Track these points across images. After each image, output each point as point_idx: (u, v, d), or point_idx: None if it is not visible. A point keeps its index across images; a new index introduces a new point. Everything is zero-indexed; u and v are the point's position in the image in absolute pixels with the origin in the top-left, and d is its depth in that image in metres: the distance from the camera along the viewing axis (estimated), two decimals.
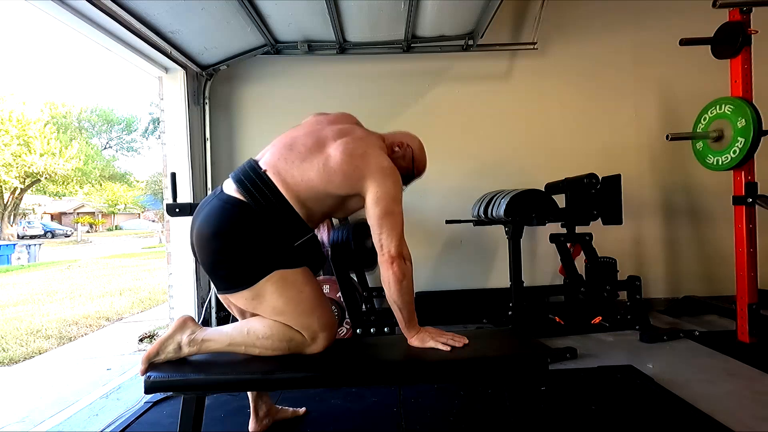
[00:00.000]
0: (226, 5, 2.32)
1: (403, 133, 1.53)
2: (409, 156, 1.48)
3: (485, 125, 3.18)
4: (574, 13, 3.17)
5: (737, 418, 1.51)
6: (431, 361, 1.23)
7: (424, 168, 1.55)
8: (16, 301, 5.01)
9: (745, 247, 2.24)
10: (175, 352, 1.23)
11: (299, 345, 1.26)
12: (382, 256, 1.25)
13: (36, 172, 16.92)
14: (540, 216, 2.33)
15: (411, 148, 1.48)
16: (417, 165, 1.51)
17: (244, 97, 3.14)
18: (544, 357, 1.24)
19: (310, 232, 1.30)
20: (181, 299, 2.79)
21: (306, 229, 1.28)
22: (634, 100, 3.20)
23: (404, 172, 1.44)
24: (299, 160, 1.26)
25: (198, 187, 2.88)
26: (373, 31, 2.80)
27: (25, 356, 2.90)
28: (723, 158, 2.30)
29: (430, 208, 3.10)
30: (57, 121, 21.12)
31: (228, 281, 1.24)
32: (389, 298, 1.27)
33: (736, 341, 2.30)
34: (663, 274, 3.19)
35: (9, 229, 18.17)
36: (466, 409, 1.66)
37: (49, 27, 57.29)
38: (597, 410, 1.62)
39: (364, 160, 1.27)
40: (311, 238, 1.31)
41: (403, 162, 1.45)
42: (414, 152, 1.49)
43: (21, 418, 1.90)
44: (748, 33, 2.20)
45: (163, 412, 1.75)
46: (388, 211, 1.25)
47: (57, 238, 21.96)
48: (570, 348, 2.18)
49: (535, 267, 3.16)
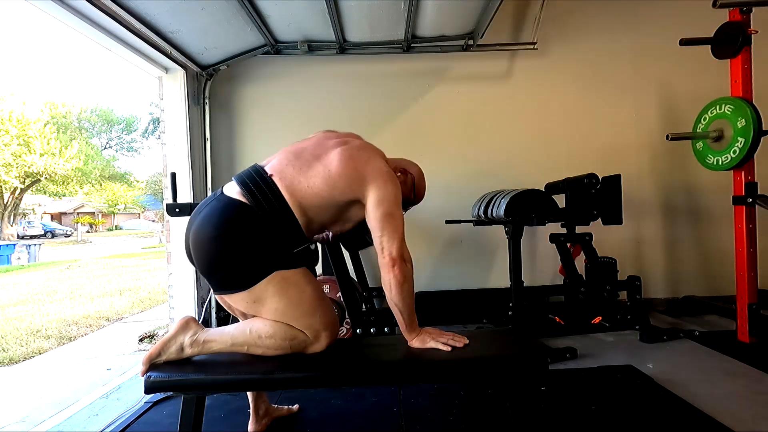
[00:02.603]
0: (226, 5, 2.32)
1: (406, 160, 1.57)
2: (410, 183, 1.53)
3: (485, 125, 3.18)
4: (574, 13, 3.17)
5: (737, 418, 1.51)
6: (431, 361, 1.23)
7: (423, 195, 1.60)
8: (16, 301, 5.00)
9: (745, 247, 2.24)
10: (177, 353, 1.23)
11: (302, 344, 1.26)
12: (383, 258, 1.25)
13: (36, 172, 16.92)
14: (540, 216, 2.33)
15: (412, 175, 1.53)
16: (417, 191, 1.56)
17: (244, 97, 3.14)
18: (544, 357, 1.24)
19: (305, 242, 1.30)
20: (181, 299, 2.79)
21: (303, 239, 1.28)
22: (634, 100, 3.20)
23: (404, 198, 1.47)
24: (306, 167, 1.28)
25: (198, 187, 2.88)
26: (373, 31, 2.80)
27: (25, 356, 2.90)
28: (723, 158, 2.30)
29: (430, 208, 3.09)
30: (57, 121, 21.12)
31: (226, 282, 1.23)
32: (390, 301, 1.28)
33: (736, 341, 2.30)
34: (663, 274, 3.19)
35: (9, 229, 18.17)
36: (466, 409, 1.66)
37: (49, 27, 57.28)
38: (597, 410, 1.62)
39: (365, 163, 1.29)
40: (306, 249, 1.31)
41: (404, 188, 1.47)
42: (415, 179, 1.54)
43: (21, 418, 1.90)
44: (748, 33, 2.20)
45: (163, 412, 1.75)
46: (388, 213, 1.26)
47: (57, 238, 21.97)
48: (570, 348, 2.18)
49: (535, 267, 3.16)
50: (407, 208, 1.55)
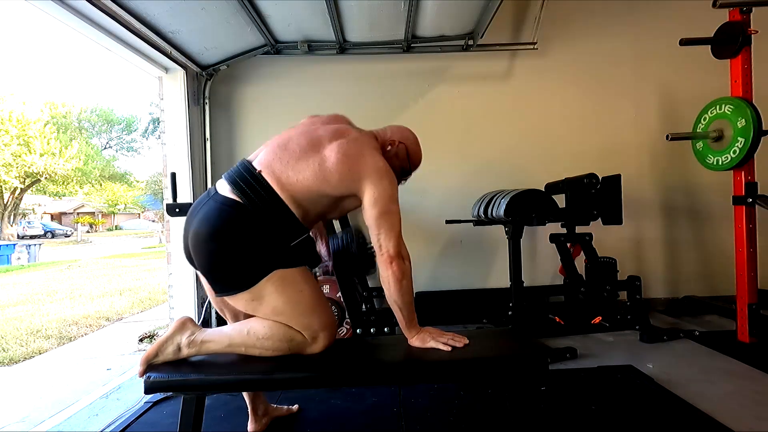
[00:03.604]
0: (226, 5, 2.32)
1: (395, 128, 1.52)
2: (403, 152, 1.48)
3: (485, 125, 3.18)
4: (574, 13, 3.17)
5: (737, 418, 1.51)
6: (431, 361, 1.23)
7: (420, 160, 1.55)
8: (16, 301, 5.01)
9: (745, 247, 2.24)
10: (174, 354, 1.23)
11: (300, 345, 1.25)
12: (381, 255, 1.25)
13: (36, 172, 16.92)
14: (540, 216, 2.33)
15: (404, 144, 1.48)
16: (412, 159, 1.51)
17: (244, 97, 3.14)
18: (544, 357, 1.24)
19: (305, 232, 1.29)
20: (181, 299, 2.79)
21: (302, 229, 1.27)
22: (634, 100, 3.20)
23: (399, 169, 1.46)
24: (294, 159, 1.26)
25: (198, 187, 2.87)
26: (373, 31, 2.80)
27: (25, 356, 2.90)
28: (723, 158, 2.30)
29: (430, 208, 3.10)
30: (57, 121, 21.12)
31: (227, 283, 1.23)
32: (389, 298, 1.27)
33: (736, 341, 2.30)
34: (663, 274, 3.19)
35: (9, 229, 18.17)
36: (466, 409, 1.66)
37: (49, 27, 57.30)
38: (597, 410, 1.62)
39: (359, 161, 1.27)
40: (307, 239, 1.30)
41: (396, 160, 1.45)
42: (408, 147, 1.49)
43: (21, 418, 1.90)
44: (748, 33, 2.20)
45: (163, 412, 1.75)
46: (385, 210, 1.25)
47: (57, 238, 21.96)
48: (570, 348, 2.18)
49: (535, 267, 3.15)
50: (406, 177, 1.53)
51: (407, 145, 1.49)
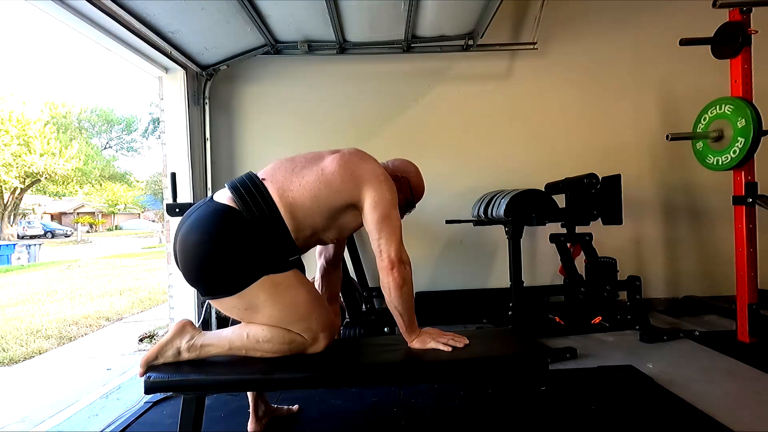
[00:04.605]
0: (226, 5, 2.32)
1: (399, 161, 1.55)
2: (406, 186, 1.51)
3: (485, 125, 3.18)
4: (574, 13, 3.17)
5: (737, 418, 1.51)
6: (431, 361, 1.23)
7: (423, 192, 1.59)
8: (16, 301, 5.01)
9: (745, 247, 2.24)
10: (174, 357, 1.23)
11: (300, 346, 1.26)
12: (382, 261, 1.25)
13: (36, 172, 16.92)
14: (540, 216, 2.33)
15: (406, 178, 1.51)
16: (415, 192, 1.54)
17: (244, 97, 3.13)
18: (544, 357, 1.24)
19: (296, 252, 1.30)
20: (181, 299, 2.79)
21: (293, 247, 1.27)
22: (634, 100, 3.20)
23: (403, 202, 1.48)
24: (299, 167, 1.31)
25: (198, 187, 2.87)
26: (373, 31, 2.79)
27: (25, 356, 2.90)
28: (723, 158, 2.30)
29: (430, 208, 3.10)
30: (57, 121, 21.11)
31: (212, 287, 1.23)
32: (389, 304, 1.27)
33: (736, 341, 2.30)
34: (663, 274, 3.19)
35: (9, 229, 18.16)
36: (466, 409, 1.66)
37: (49, 27, 57.30)
38: (597, 410, 1.62)
39: (361, 166, 1.31)
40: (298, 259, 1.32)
41: (400, 193, 1.46)
42: (411, 181, 1.52)
43: (21, 418, 1.90)
44: (748, 33, 2.20)
45: (163, 412, 1.75)
46: (386, 215, 1.26)
47: (57, 238, 21.96)
48: (570, 348, 2.18)
49: (535, 267, 3.15)
50: (409, 210, 1.55)
51: (410, 179, 1.52)
